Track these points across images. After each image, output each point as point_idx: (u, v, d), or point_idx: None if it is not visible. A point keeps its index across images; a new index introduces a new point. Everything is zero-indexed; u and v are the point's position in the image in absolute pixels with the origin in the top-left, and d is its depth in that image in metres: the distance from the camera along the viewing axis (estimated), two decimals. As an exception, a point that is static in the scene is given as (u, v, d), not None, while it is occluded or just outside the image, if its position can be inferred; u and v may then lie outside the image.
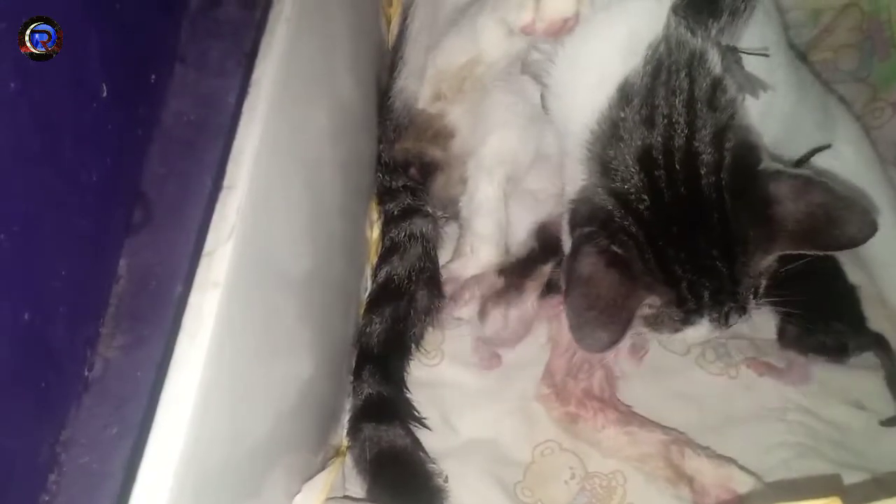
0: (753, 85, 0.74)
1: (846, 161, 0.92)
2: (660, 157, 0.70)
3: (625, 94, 0.71)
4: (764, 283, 0.75)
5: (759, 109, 0.75)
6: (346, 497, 0.84)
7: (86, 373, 0.77)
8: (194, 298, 0.56)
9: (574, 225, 0.74)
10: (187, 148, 0.91)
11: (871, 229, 0.69)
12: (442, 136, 1.01)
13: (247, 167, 0.63)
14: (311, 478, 0.78)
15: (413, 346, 0.98)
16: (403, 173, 1.05)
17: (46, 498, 0.69)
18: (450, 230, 1.06)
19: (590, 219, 0.72)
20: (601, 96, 0.72)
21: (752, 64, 0.75)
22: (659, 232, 0.70)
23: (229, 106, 0.88)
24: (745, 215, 0.70)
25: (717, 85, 0.71)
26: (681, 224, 0.70)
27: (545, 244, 0.98)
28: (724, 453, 0.88)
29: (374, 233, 1.06)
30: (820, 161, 0.90)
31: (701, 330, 0.74)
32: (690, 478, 0.87)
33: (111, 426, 0.76)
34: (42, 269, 0.67)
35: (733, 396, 0.94)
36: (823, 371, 0.94)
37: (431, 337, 1.00)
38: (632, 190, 0.70)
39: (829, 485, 0.84)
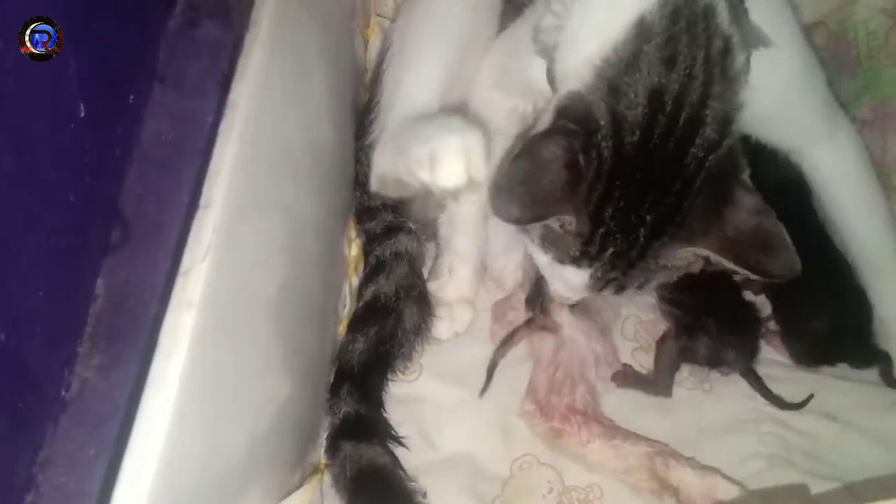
0: (758, 39, 0.75)
1: (843, 159, 0.94)
2: (670, 103, 0.70)
3: (644, 31, 0.70)
4: (659, 280, 0.77)
5: (763, 65, 0.76)
6: (324, 514, 0.84)
7: (63, 393, 0.77)
8: (170, 318, 0.57)
9: (562, 112, 0.73)
10: (165, 167, 0.91)
11: (792, 273, 0.71)
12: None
13: (223, 187, 0.64)
14: (287, 496, 0.78)
15: (399, 364, 0.98)
16: (381, 193, 1.05)
17: (24, 518, 0.69)
18: (431, 247, 1.07)
19: (579, 121, 0.71)
20: (617, 27, 0.71)
21: (762, 18, 0.76)
22: (623, 172, 0.70)
23: (207, 126, 0.89)
24: (701, 200, 0.71)
25: (727, 44, 0.72)
26: (644, 176, 0.70)
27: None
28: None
29: (353, 250, 1.07)
30: (818, 154, 0.92)
31: (577, 279, 0.76)
32: (676, 489, 0.88)
33: (89, 446, 0.75)
34: (19, 290, 0.67)
35: (707, 409, 0.95)
36: (795, 384, 0.95)
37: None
38: (630, 118, 0.70)
39: (796, 493, 0.85)
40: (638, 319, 1.04)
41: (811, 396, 0.93)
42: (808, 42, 0.88)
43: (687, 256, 0.75)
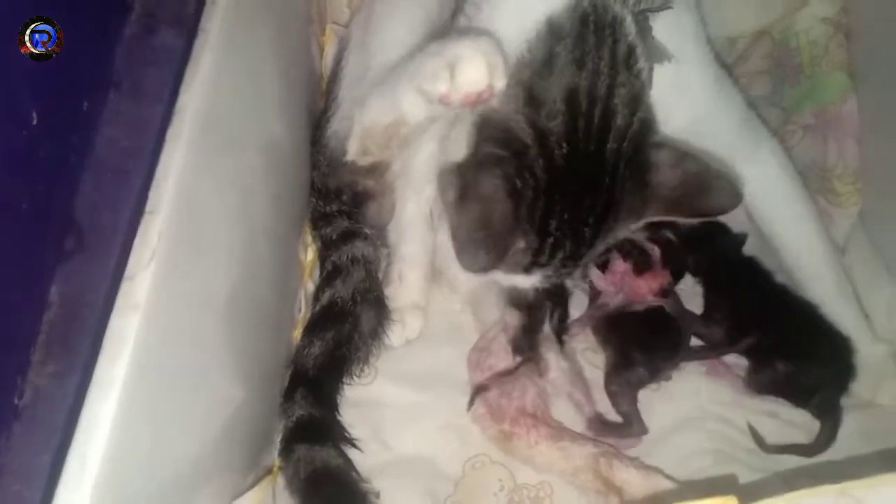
0: (660, 53, 0.78)
1: (770, 175, 0.96)
2: (584, 101, 0.72)
3: (556, 30, 0.73)
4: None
5: (670, 81, 0.79)
6: (276, 515, 0.85)
7: (16, 401, 0.77)
8: (115, 322, 0.58)
9: (485, 138, 0.74)
10: (120, 175, 0.91)
11: (737, 199, 0.74)
12: (377, 170, 1.02)
13: (169, 193, 0.65)
14: (238, 497, 0.79)
15: (355, 368, 0.99)
16: (337, 199, 1.06)
17: (-23, 527, 0.69)
18: (386, 253, 1.07)
19: (505, 144, 0.73)
20: (529, 26, 0.73)
21: (667, 37, 0.79)
22: (557, 184, 0.72)
23: (162, 132, 0.89)
24: (629, 182, 0.74)
25: (632, 51, 0.75)
26: (577, 181, 0.73)
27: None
28: (648, 463, 0.91)
29: (309, 255, 1.08)
30: (744, 171, 0.93)
31: (528, 282, 0.79)
32: (619, 488, 0.89)
33: (43, 453, 0.75)
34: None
35: (655, 409, 0.96)
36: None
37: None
38: (554, 131, 0.72)
39: (725, 484, 0.87)
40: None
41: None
42: (717, 65, 0.91)
43: (636, 227, 0.79)
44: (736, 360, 0.99)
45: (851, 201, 1.05)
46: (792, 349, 0.94)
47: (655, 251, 1.01)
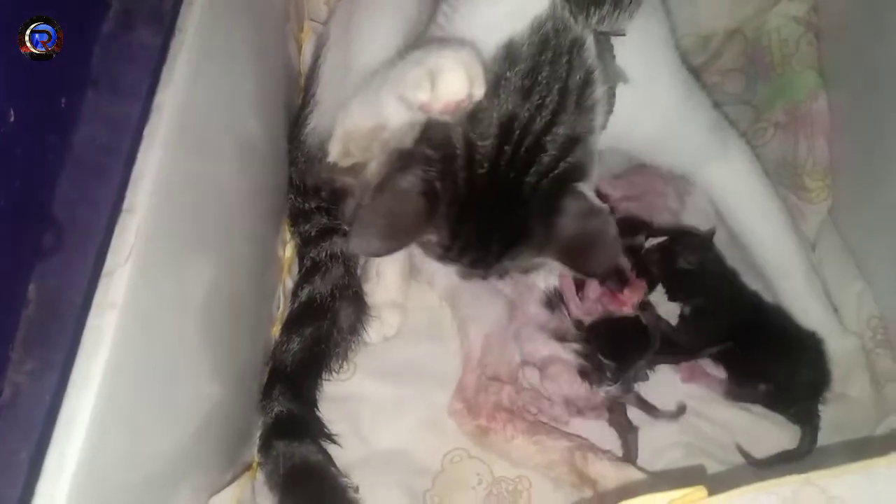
0: (618, 75, 0.79)
1: (738, 174, 0.98)
2: (517, 132, 0.74)
3: (511, 54, 0.75)
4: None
5: (636, 96, 0.80)
6: (256, 511, 0.86)
7: (-6, 399, 0.77)
8: (92, 319, 0.58)
9: (426, 132, 0.78)
10: (99, 172, 0.91)
11: (606, 267, 0.80)
12: (355, 168, 1.02)
13: (146, 190, 0.65)
14: (218, 491, 0.80)
15: (334, 364, 0.99)
16: (315, 195, 1.06)
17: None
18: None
19: (439, 146, 0.76)
20: (490, 45, 0.75)
21: (633, 55, 0.80)
22: (474, 198, 0.76)
23: (139, 130, 0.89)
24: (536, 219, 0.77)
25: (588, 80, 0.76)
26: (491, 201, 0.76)
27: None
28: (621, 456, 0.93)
29: (287, 252, 1.08)
30: (713, 171, 0.96)
31: (447, 270, 0.85)
32: (594, 481, 0.90)
33: (23, 451, 0.76)
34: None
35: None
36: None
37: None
38: (481, 150, 0.75)
39: (694, 475, 0.89)
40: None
41: (684, 407, 0.96)
42: (683, 71, 0.92)
43: (539, 261, 0.83)
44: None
45: (821, 197, 1.07)
46: (769, 365, 0.95)
47: (627, 264, 1.01)
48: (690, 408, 0.97)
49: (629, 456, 0.93)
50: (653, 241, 1.05)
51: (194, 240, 0.76)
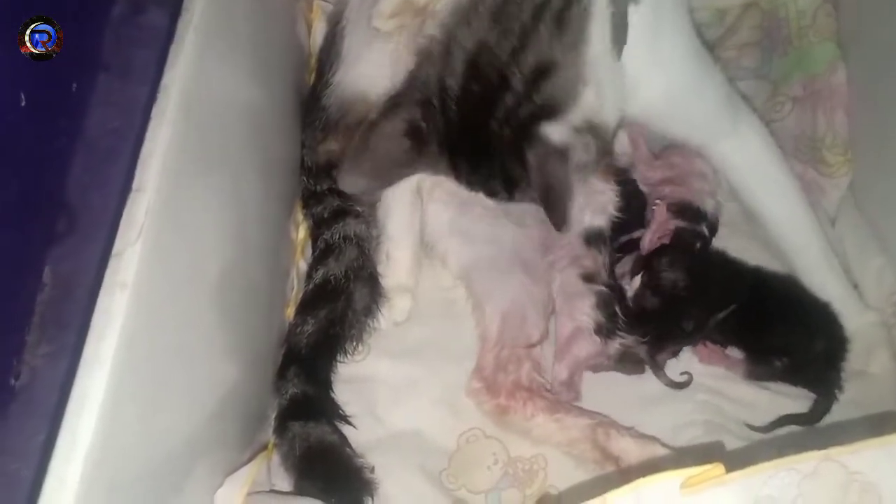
0: None
1: (752, 150, 0.96)
2: (485, 67, 0.74)
3: None
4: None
5: (645, 52, 0.80)
6: (272, 491, 0.86)
7: (12, 382, 0.78)
8: (102, 300, 0.58)
9: (415, 72, 0.80)
10: (111, 155, 0.91)
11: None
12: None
13: (155, 170, 0.65)
14: (234, 472, 0.80)
15: (349, 345, 0.99)
16: (327, 176, 1.05)
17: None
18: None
19: (422, 87, 0.78)
20: None
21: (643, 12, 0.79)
22: (456, 140, 0.77)
23: (147, 111, 0.89)
24: (514, 166, 0.76)
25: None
26: (472, 136, 0.76)
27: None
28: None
29: (300, 234, 1.08)
30: (726, 147, 0.94)
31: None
32: (617, 458, 0.90)
33: (39, 433, 0.76)
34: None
35: (646, 381, 0.97)
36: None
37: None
38: (451, 91, 0.75)
39: (713, 451, 0.88)
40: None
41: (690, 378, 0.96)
42: (699, 41, 0.90)
43: None
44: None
45: (842, 172, 1.05)
46: (783, 339, 0.94)
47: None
48: (709, 386, 0.96)
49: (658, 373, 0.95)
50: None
51: (206, 220, 0.76)
